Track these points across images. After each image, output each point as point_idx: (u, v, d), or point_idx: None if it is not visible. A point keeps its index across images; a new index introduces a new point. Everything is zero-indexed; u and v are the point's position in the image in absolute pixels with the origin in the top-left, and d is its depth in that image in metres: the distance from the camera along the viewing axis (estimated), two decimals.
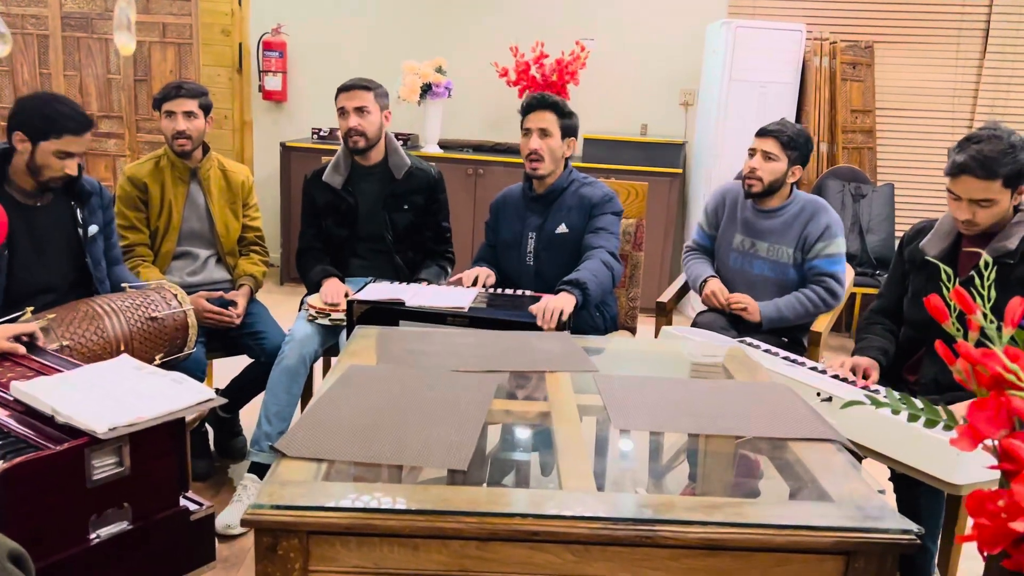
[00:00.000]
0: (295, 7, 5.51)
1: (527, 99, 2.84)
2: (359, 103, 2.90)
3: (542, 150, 2.75)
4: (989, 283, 1.03)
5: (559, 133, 2.77)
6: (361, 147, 2.94)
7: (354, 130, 2.90)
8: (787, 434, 1.57)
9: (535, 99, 2.82)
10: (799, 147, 2.82)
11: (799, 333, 2.91)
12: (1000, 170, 2.12)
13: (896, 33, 5.17)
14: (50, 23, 4.57)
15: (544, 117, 2.76)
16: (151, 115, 4.61)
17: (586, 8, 5.35)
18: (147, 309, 2.38)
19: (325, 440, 1.42)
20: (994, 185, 2.14)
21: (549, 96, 2.82)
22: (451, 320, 2.36)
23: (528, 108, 2.81)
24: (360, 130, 2.91)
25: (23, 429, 1.48)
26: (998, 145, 2.13)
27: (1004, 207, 2.19)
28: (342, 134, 2.95)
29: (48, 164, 2.31)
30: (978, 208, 2.17)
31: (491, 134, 5.51)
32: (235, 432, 3.13)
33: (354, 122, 2.90)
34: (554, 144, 2.77)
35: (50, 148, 2.29)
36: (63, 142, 2.29)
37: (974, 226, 2.21)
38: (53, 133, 2.28)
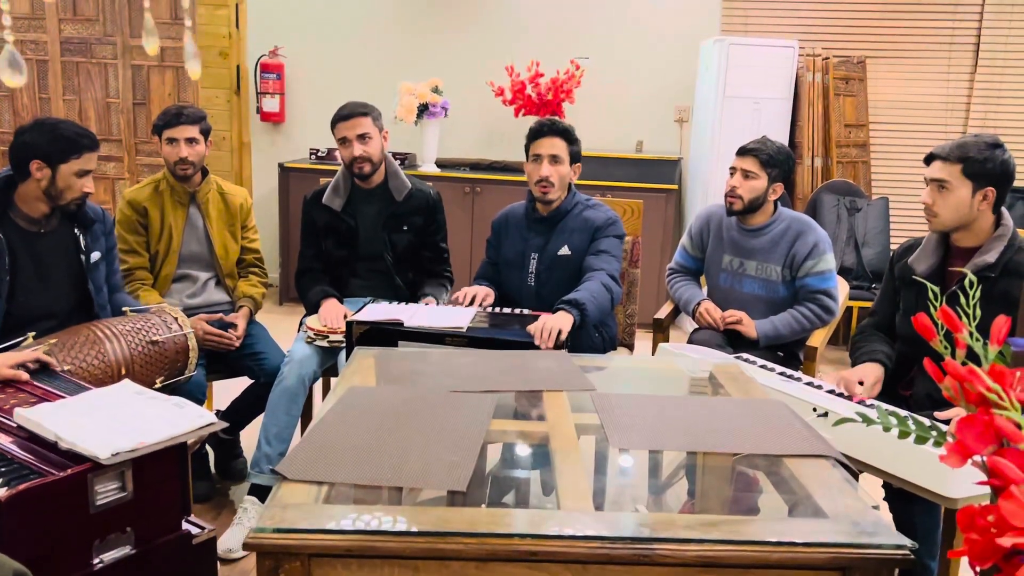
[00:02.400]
0: (292, 29, 5.56)
1: (536, 125, 2.85)
2: (361, 130, 2.93)
3: (553, 177, 2.78)
4: (974, 302, 1.05)
5: (568, 159, 2.80)
6: (367, 172, 2.97)
7: (360, 158, 2.93)
8: (783, 450, 1.59)
9: (545, 125, 2.82)
10: (779, 165, 2.85)
11: (795, 348, 2.93)
12: (963, 155, 2.20)
13: (888, 48, 5.22)
14: (49, 48, 4.61)
15: (555, 143, 2.79)
16: (150, 138, 4.66)
17: (580, 27, 5.41)
18: (148, 333, 2.40)
19: (326, 463, 1.44)
20: (953, 168, 2.22)
21: (559, 122, 2.83)
22: (449, 340, 2.37)
23: (538, 134, 2.82)
24: (366, 156, 2.93)
25: (26, 455, 1.49)
26: (974, 139, 2.25)
27: (962, 200, 2.24)
28: (346, 162, 2.96)
29: (70, 185, 2.36)
30: (936, 193, 2.23)
31: (487, 152, 5.55)
32: (235, 454, 3.14)
33: (359, 150, 2.92)
34: (564, 170, 2.80)
35: (71, 169, 2.34)
36: (82, 160, 2.35)
37: (933, 217, 2.27)
38: (73, 154, 2.33)
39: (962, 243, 2.33)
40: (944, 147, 2.27)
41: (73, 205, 2.41)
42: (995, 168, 2.22)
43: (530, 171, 2.84)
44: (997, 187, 2.23)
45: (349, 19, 5.55)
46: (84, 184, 2.39)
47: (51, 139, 2.33)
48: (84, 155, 2.35)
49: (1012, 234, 2.27)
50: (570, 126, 2.84)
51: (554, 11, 5.42)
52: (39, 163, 2.32)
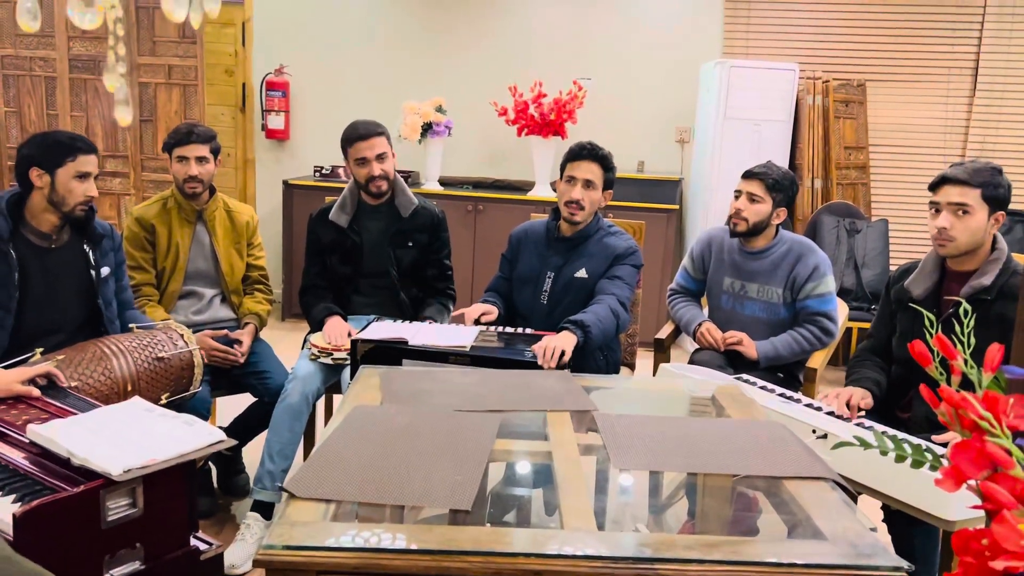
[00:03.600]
0: (298, 48, 5.62)
1: (577, 147, 2.85)
2: (380, 149, 2.97)
3: (584, 200, 2.80)
4: (969, 329, 1.08)
5: (601, 185, 2.83)
6: (384, 191, 3.01)
7: (379, 176, 2.97)
8: (782, 472, 1.61)
9: (585, 150, 2.83)
10: (784, 189, 2.88)
11: (795, 369, 2.95)
12: (979, 180, 2.23)
13: (888, 72, 5.28)
14: (58, 65, 4.67)
15: (592, 169, 2.81)
16: (156, 155, 4.70)
17: (583, 48, 5.47)
18: (154, 349, 2.42)
19: (332, 481, 1.46)
20: (972, 192, 2.24)
21: (599, 148, 2.84)
22: (453, 358, 2.40)
23: (576, 156, 2.83)
24: (384, 175, 2.98)
25: (39, 471, 1.52)
26: (982, 164, 2.29)
27: (980, 224, 2.26)
28: (362, 180, 2.99)
29: (70, 189, 2.39)
30: (955, 218, 2.25)
31: (490, 171, 5.60)
32: (237, 470, 3.16)
33: (378, 170, 2.96)
34: (595, 196, 2.82)
35: (68, 173, 2.38)
36: (78, 163, 2.39)
37: (949, 241, 2.28)
38: (68, 157, 2.38)
39: (959, 267, 2.36)
40: (958, 171, 2.29)
41: (79, 211, 2.43)
42: (1004, 193, 2.27)
43: (562, 190, 2.85)
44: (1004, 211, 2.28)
45: (354, 38, 5.62)
46: (86, 188, 2.41)
47: (46, 145, 2.39)
48: (79, 157, 2.39)
49: (1007, 258, 2.31)
50: (609, 153, 2.85)
51: (557, 32, 5.48)
52: (38, 170, 2.38)
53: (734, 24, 5.37)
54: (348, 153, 3.00)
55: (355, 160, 2.98)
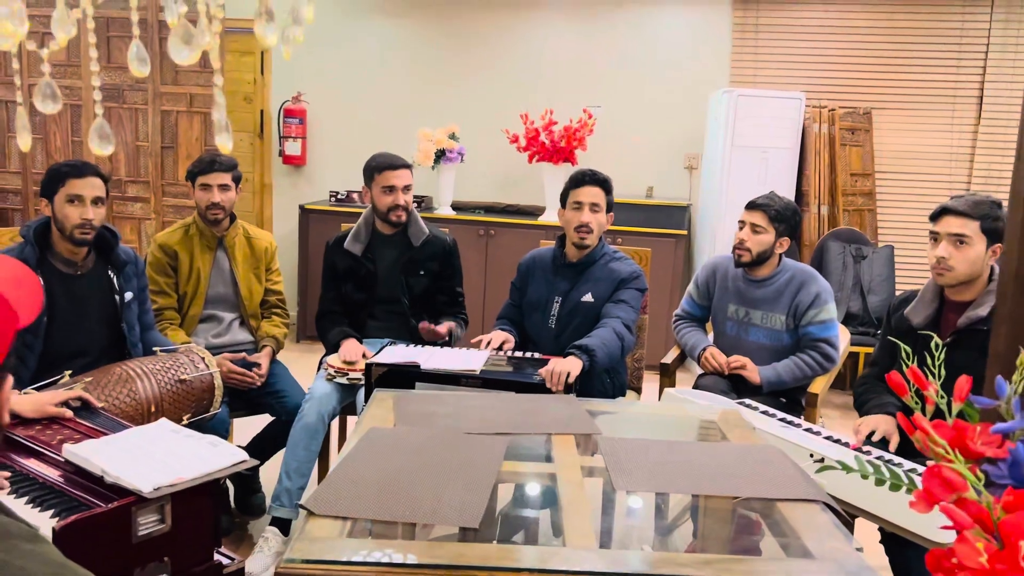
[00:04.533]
0: (315, 76, 5.77)
1: (579, 175, 2.97)
2: (407, 181, 3.11)
3: (592, 223, 2.91)
4: (940, 363, 1.16)
5: (605, 208, 2.94)
6: (403, 220, 3.12)
7: (401, 206, 3.09)
8: (776, 494, 1.69)
9: (587, 176, 2.95)
10: (786, 220, 2.97)
11: (797, 394, 3.02)
12: (979, 212, 2.31)
13: (893, 100, 5.36)
14: (83, 94, 4.81)
15: (595, 193, 2.92)
16: (177, 180, 4.83)
17: (593, 77, 5.59)
18: (176, 372, 2.53)
19: (349, 499, 1.55)
20: (972, 224, 2.32)
21: (600, 173, 2.96)
22: (464, 381, 2.49)
23: (580, 183, 2.94)
24: (406, 205, 3.10)
25: (74, 489, 1.61)
26: (983, 197, 2.38)
27: (979, 255, 2.34)
28: (385, 208, 3.10)
29: (65, 214, 2.50)
30: (954, 248, 2.33)
31: (502, 196, 5.71)
32: (254, 488, 3.24)
33: (402, 199, 3.09)
34: (601, 218, 2.94)
35: (61, 198, 2.50)
36: (68, 187, 2.50)
37: (948, 270, 2.36)
38: (59, 183, 2.51)
39: (957, 296, 2.44)
40: (958, 203, 2.37)
41: (78, 235, 2.51)
42: (1003, 226, 2.35)
43: (570, 217, 2.95)
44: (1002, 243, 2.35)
45: (370, 67, 5.76)
46: (81, 212, 2.50)
47: (46, 176, 2.53)
48: (68, 181, 2.50)
49: None
50: (608, 177, 2.97)
51: (568, 62, 5.61)
52: (44, 200, 2.52)
53: (742, 54, 5.48)
54: (376, 179, 3.10)
55: (382, 187, 3.09)
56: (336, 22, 5.74)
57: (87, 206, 2.51)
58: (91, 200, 2.51)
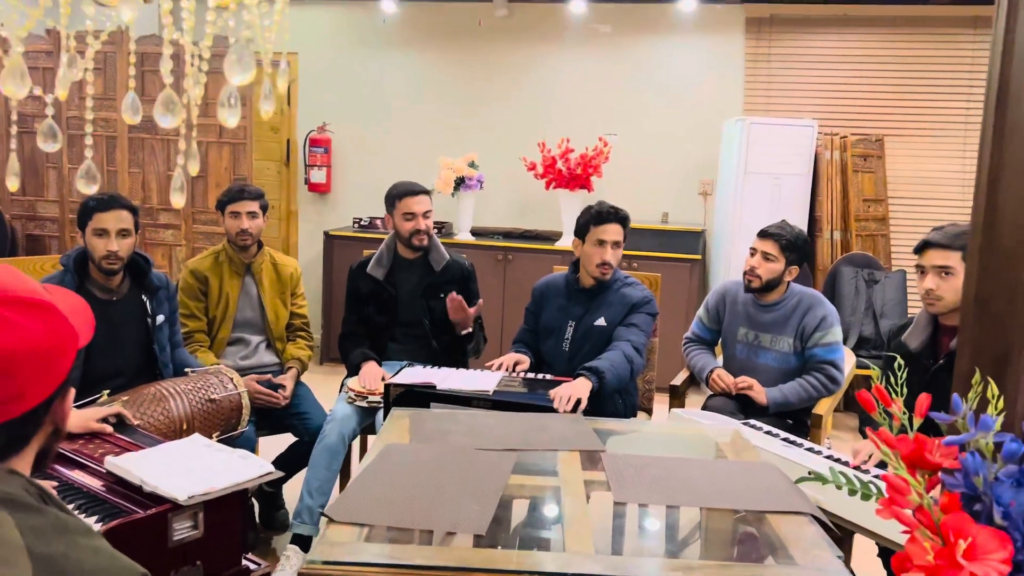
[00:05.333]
0: (339, 107, 5.97)
1: (603, 212, 3.03)
2: (427, 207, 3.25)
3: (613, 261, 3.02)
4: (902, 381, 1.27)
5: (622, 243, 3.05)
6: (425, 245, 3.26)
7: (422, 232, 3.23)
8: (767, 507, 1.79)
9: (611, 213, 3.02)
10: (797, 249, 3.08)
11: (803, 416, 3.11)
12: (960, 243, 2.40)
13: (905, 127, 5.45)
14: (118, 126, 5.03)
15: (618, 230, 3.02)
16: (207, 208, 5.02)
17: (609, 106, 5.74)
18: (207, 392, 2.67)
19: (366, 508, 1.68)
20: (954, 255, 2.42)
21: (622, 210, 3.05)
22: (477, 402, 2.61)
23: (602, 219, 3.01)
24: (427, 231, 3.24)
25: (115, 497, 1.75)
26: (963, 227, 2.46)
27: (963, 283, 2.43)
28: (407, 234, 3.24)
29: (93, 246, 2.68)
30: (940, 279, 2.43)
31: (519, 221, 5.86)
32: (278, 505, 3.37)
33: (423, 224, 3.23)
34: (620, 253, 3.05)
35: (90, 231, 2.67)
36: (95, 220, 2.66)
37: (938, 300, 2.45)
38: (88, 216, 2.67)
39: (950, 321, 2.53)
40: (939, 236, 2.47)
41: (105, 265, 2.68)
42: None
43: (591, 253, 3.03)
44: None
45: (392, 98, 5.95)
46: (106, 244, 2.66)
47: (79, 209, 2.70)
48: (95, 215, 2.66)
49: None
50: (627, 213, 3.06)
51: (583, 91, 5.76)
52: (80, 232, 2.69)
53: (755, 82, 5.60)
54: (397, 206, 3.25)
55: (404, 214, 3.23)
56: (359, 55, 5.94)
57: (112, 238, 2.66)
58: (116, 232, 2.66)
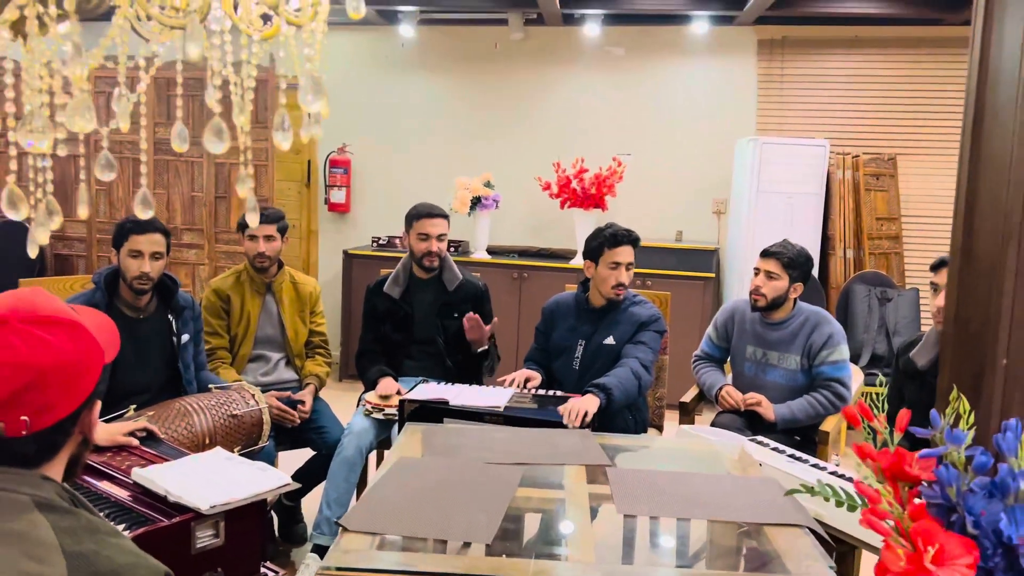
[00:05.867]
0: (359, 129, 6.09)
1: (616, 233, 3.10)
2: (441, 230, 3.35)
3: (627, 282, 3.11)
4: (883, 397, 1.34)
5: (634, 264, 3.13)
6: (436, 266, 3.36)
7: (434, 253, 3.33)
8: (765, 519, 1.86)
9: (624, 236, 3.10)
10: (799, 266, 3.14)
11: (811, 432, 3.16)
12: None
13: (918, 145, 5.50)
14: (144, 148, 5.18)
15: (631, 252, 3.11)
16: (229, 228, 5.15)
17: (623, 126, 5.83)
18: (229, 407, 2.77)
19: (379, 517, 1.76)
20: None
21: (633, 233, 3.13)
22: (489, 417, 2.69)
23: (617, 242, 3.08)
24: (440, 253, 3.34)
25: (140, 506, 1.85)
26: None
27: None
28: (419, 254, 3.35)
29: (127, 267, 2.78)
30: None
31: (535, 240, 5.94)
32: (297, 519, 3.45)
33: (436, 247, 3.33)
34: (631, 274, 3.13)
35: (125, 252, 2.78)
36: (130, 243, 2.77)
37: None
38: (124, 237, 2.78)
39: None
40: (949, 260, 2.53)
41: (137, 285, 2.78)
42: None
43: (606, 275, 3.10)
44: None
45: (410, 120, 6.07)
46: (140, 265, 2.76)
47: (115, 228, 2.82)
48: (131, 237, 2.76)
49: None
50: (638, 235, 3.14)
51: (598, 112, 5.86)
52: (114, 251, 2.82)
53: (767, 102, 5.67)
54: (413, 226, 3.36)
55: (418, 234, 3.33)
56: (379, 78, 6.07)
57: (145, 260, 2.77)
58: (150, 255, 2.78)
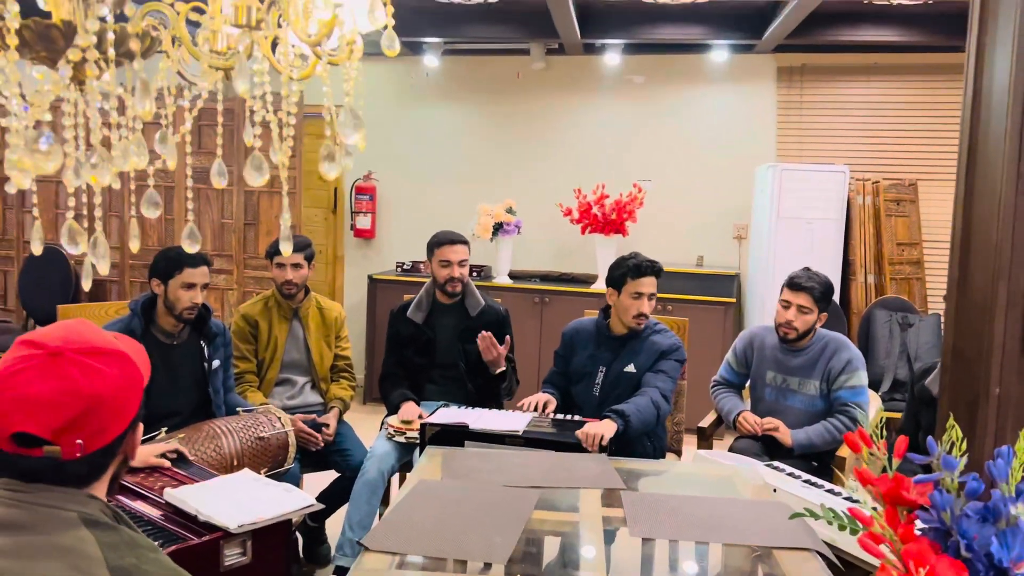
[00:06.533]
0: (384, 157, 6.22)
1: (639, 264, 3.15)
2: (463, 256, 3.44)
3: (649, 312, 3.16)
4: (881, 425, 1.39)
5: (656, 295, 3.18)
6: (458, 292, 3.44)
7: (456, 279, 3.42)
8: (775, 543, 1.90)
9: (648, 267, 3.15)
10: (827, 299, 3.19)
11: (827, 458, 3.19)
12: None
13: (939, 171, 5.52)
14: (176, 176, 5.33)
15: (654, 283, 3.16)
16: (257, 255, 5.28)
17: (644, 153, 5.90)
18: (256, 430, 2.85)
19: (399, 538, 1.82)
20: None
21: (657, 264, 3.18)
22: (508, 440, 2.75)
23: (640, 273, 3.13)
24: (461, 278, 3.43)
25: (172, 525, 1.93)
26: None
27: None
28: (441, 281, 3.44)
29: (178, 297, 2.87)
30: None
31: (556, 265, 6.02)
32: (320, 540, 3.52)
33: (457, 272, 3.42)
34: (654, 303, 3.17)
35: (177, 283, 2.87)
36: (184, 275, 2.87)
37: None
38: (176, 270, 2.87)
39: None
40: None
41: (186, 314, 2.89)
42: None
43: (628, 305, 3.14)
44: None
45: (434, 147, 6.20)
46: (192, 296, 2.88)
47: (163, 260, 2.90)
48: (185, 270, 2.86)
49: None
50: (661, 266, 3.18)
51: (618, 140, 5.95)
52: (157, 281, 2.90)
53: (787, 129, 5.73)
54: (435, 253, 3.45)
55: (440, 261, 3.42)
56: (404, 107, 6.21)
57: (197, 291, 2.90)
58: (201, 286, 2.91)
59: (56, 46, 1.29)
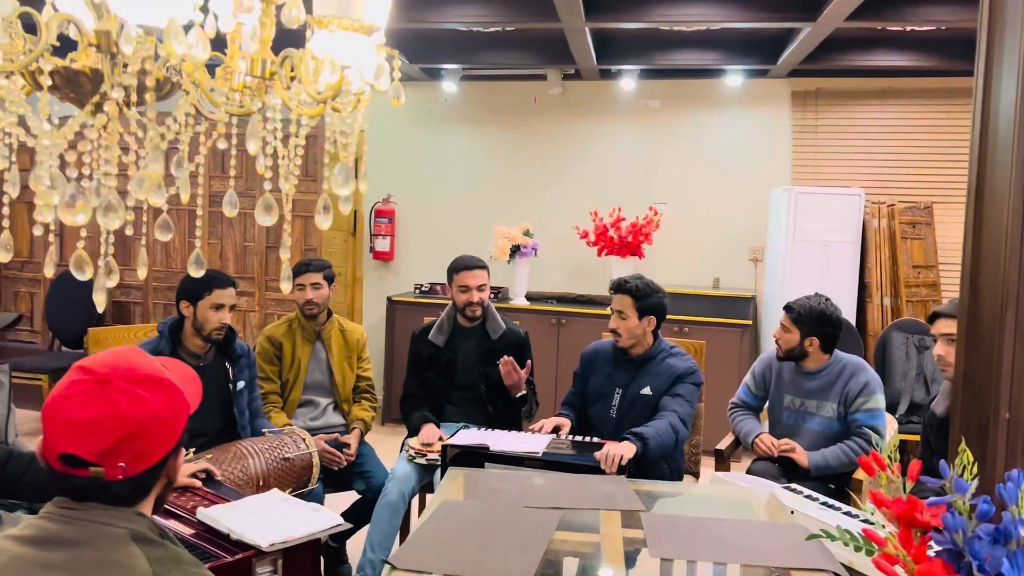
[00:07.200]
0: (403, 180, 6.32)
1: (612, 283, 3.28)
2: (482, 281, 3.50)
3: (620, 329, 3.20)
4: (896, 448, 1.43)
5: (635, 315, 3.18)
6: (479, 315, 3.50)
7: (476, 303, 3.48)
8: (793, 564, 1.94)
9: (616, 285, 3.24)
10: (807, 322, 3.23)
11: (845, 481, 3.21)
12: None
13: (955, 194, 5.54)
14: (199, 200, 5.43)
15: (622, 300, 3.19)
16: (278, 277, 5.37)
17: (659, 176, 5.97)
18: (281, 451, 2.91)
19: (424, 557, 1.88)
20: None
21: (627, 282, 3.21)
22: (528, 462, 2.79)
23: (613, 290, 3.24)
24: (480, 303, 3.49)
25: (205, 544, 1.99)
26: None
27: None
28: (461, 305, 3.50)
29: (207, 318, 2.95)
30: (950, 347, 2.58)
31: (573, 287, 6.07)
32: (341, 560, 3.56)
33: (477, 297, 3.48)
34: (630, 324, 3.18)
35: (206, 304, 2.95)
36: (214, 296, 2.94)
37: (948, 367, 2.58)
38: (206, 291, 2.94)
39: None
40: (946, 307, 2.64)
41: (215, 335, 2.97)
42: None
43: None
44: None
45: (451, 171, 6.29)
46: (220, 317, 2.95)
47: (192, 282, 2.96)
48: (215, 291, 2.94)
49: None
50: (641, 285, 3.19)
51: (634, 163, 6.02)
52: (186, 303, 2.97)
53: (802, 152, 5.78)
54: (454, 279, 3.51)
55: (459, 286, 3.49)
56: (422, 131, 6.31)
57: (226, 312, 2.98)
58: (229, 307, 2.98)
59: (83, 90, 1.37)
